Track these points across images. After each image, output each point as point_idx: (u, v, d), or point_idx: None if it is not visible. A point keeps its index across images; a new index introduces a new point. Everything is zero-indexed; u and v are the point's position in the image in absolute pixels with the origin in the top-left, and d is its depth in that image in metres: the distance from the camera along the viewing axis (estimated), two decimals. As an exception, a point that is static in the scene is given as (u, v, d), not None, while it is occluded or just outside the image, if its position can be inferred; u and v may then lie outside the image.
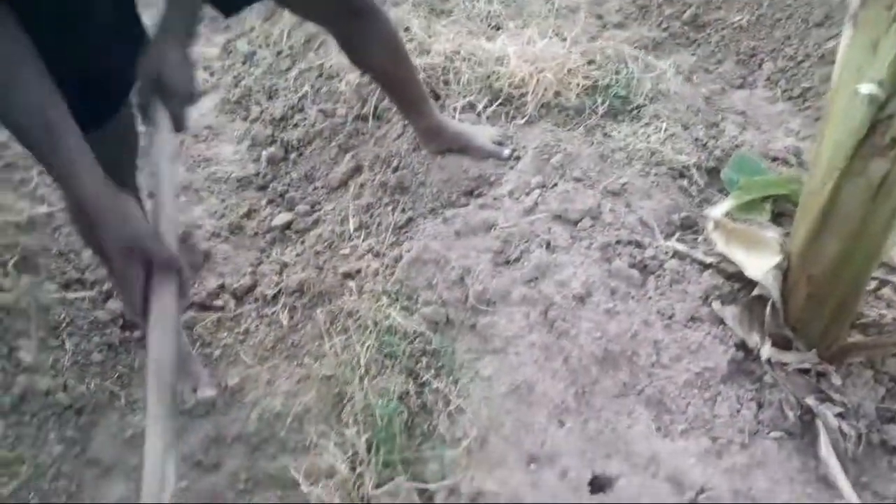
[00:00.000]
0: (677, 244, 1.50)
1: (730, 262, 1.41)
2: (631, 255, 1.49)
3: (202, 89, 2.60)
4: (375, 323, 1.56)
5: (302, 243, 1.99)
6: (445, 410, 1.42)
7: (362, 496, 1.32)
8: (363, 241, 1.84)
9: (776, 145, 1.92)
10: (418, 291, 1.60)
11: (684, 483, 1.15)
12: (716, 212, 1.50)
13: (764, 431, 1.20)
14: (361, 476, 1.34)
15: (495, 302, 1.51)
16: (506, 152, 1.78)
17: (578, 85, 1.90)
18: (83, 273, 1.85)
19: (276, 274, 1.92)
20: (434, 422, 1.43)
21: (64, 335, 1.68)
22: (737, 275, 1.39)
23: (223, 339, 1.81)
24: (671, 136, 1.77)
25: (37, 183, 2.01)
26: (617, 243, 1.51)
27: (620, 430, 1.26)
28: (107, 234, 0.97)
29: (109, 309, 1.79)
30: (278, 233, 2.05)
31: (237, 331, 1.82)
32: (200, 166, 2.33)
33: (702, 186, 1.70)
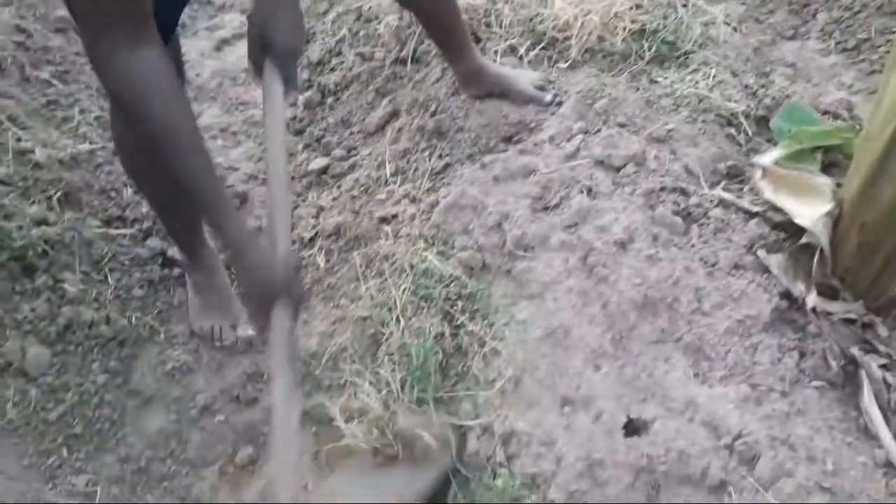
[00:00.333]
0: (723, 192, 1.46)
1: (777, 211, 1.37)
2: (675, 203, 1.46)
3: (240, 32, 2.59)
4: (411, 266, 1.56)
5: (338, 188, 1.98)
6: (480, 352, 1.43)
7: (395, 433, 1.34)
8: (399, 187, 1.83)
9: (827, 99, 1.85)
10: (455, 236, 1.59)
11: (721, 428, 1.15)
12: (765, 159, 1.45)
13: (805, 380, 1.18)
14: (395, 414, 1.36)
15: (533, 247, 1.50)
16: (547, 97, 1.75)
17: (625, 29, 1.84)
18: (124, 211, 1.88)
19: (313, 217, 1.93)
20: (468, 363, 1.44)
21: (106, 270, 1.71)
22: (783, 224, 1.36)
23: (261, 280, 1.83)
24: (720, 83, 1.71)
25: (79, 121, 2.02)
26: (661, 190, 1.47)
27: (657, 376, 1.25)
28: (250, 279, 1.11)
29: (150, 247, 1.82)
30: (315, 177, 2.05)
31: (274, 272, 1.85)
32: (238, 109, 2.34)
33: (750, 135, 1.64)
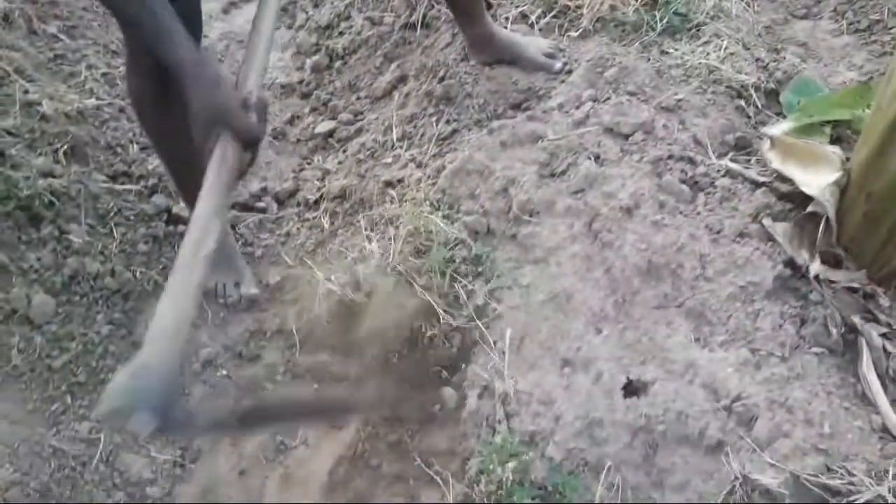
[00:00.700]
0: (730, 163, 1.46)
1: (783, 181, 1.38)
2: (682, 171, 1.46)
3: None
4: (416, 228, 1.56)
5: (344, 151, 1.98)
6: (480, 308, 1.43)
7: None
8: (406, 151, 1.83)
9: (837, 79, 1.84)
10: (460, 201, 1.59)
11: (720, 390, 1.16)
12: (774, 129, 1.45)
13: (805, 346, 1.19)
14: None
15: (539, 212, 1.50)
16: (557, 65, 1.74)
17: (637, -1, 1.83)
18: (130, 167, 1.87)
19: (318, 180, 1.93)
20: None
21: (112, 224, 1.71)
22: (790, 194, 1.36)
23: (265, 240, 1.83)
24: (731, 55, 1.71)
25: (86, 77, 2.01)
26: (669, 158, 1.47)
27: (658, 339, 1.26)
28: (196, 98, 1.00)
29: (155, 203, 1.82)
30: (321, 140, 2.05)
31: (279, 233, 1.85)
32: (245, 72, 2.32)
33: (759, 108, 1.64)
